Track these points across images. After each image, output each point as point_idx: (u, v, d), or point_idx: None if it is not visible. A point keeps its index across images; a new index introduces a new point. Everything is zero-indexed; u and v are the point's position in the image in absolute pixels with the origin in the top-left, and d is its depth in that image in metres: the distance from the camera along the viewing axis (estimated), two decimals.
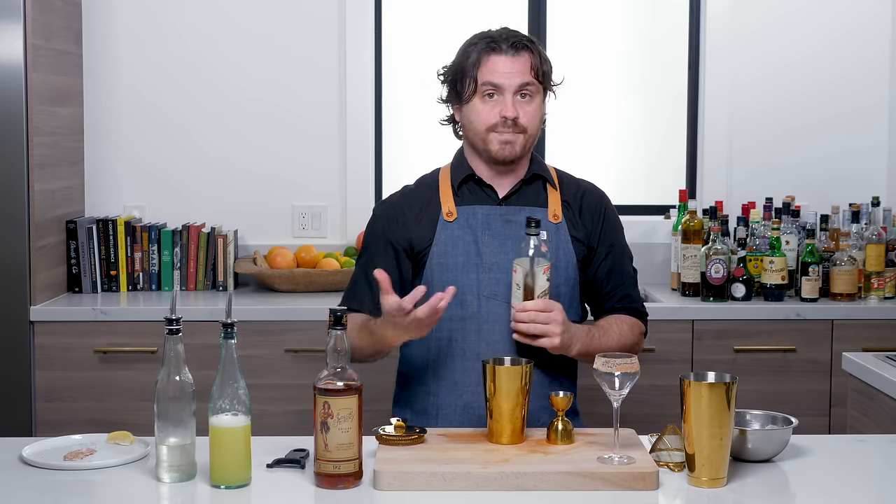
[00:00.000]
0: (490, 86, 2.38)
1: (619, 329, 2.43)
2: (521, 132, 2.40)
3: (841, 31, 4.14)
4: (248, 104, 4.07)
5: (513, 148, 2.40)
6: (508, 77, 2.38)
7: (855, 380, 2.80)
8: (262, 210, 4.08)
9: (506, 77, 2.38)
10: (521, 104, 2.39)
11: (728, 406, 1.86)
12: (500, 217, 2.43)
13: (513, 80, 2.38)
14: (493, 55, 2.39)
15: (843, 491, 1.91)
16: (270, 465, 1.97)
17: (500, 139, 2.39)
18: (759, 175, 4.15)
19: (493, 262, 2.39)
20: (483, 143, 2.42)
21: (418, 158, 4.05)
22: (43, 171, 3.57)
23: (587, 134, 4.29)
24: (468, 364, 2.38)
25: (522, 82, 2.38)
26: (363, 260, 2.49)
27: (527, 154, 2.46)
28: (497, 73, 2.38)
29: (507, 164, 2.43)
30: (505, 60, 2.38)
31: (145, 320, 3.51)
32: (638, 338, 2.49)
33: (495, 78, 2.38)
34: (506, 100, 2.37)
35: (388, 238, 2.46)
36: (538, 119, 2.43)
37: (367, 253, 2.49)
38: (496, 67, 2.38)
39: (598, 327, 2.41)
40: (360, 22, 4.05)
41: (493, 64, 2.38)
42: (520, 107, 2.38)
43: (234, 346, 1.89)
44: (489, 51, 2.39)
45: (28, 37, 3.44)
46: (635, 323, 2.49)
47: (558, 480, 1.87)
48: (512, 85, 2.38)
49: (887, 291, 3.75)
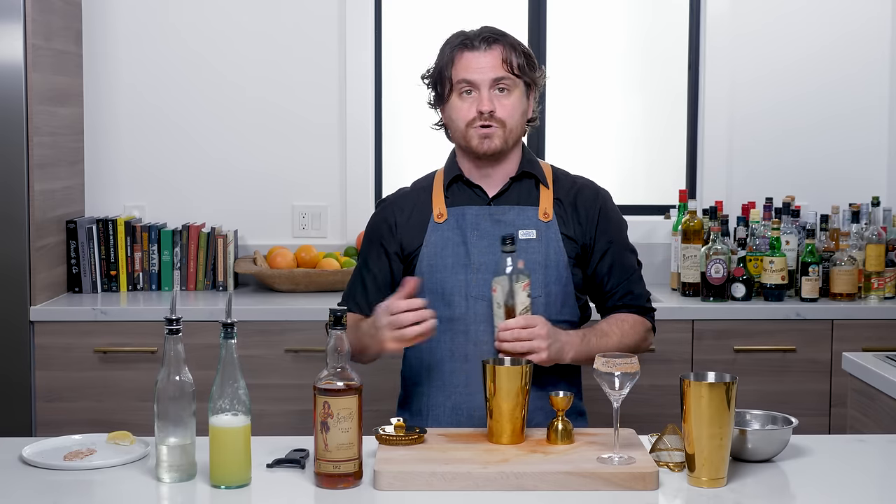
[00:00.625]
0: (465, 82, 2.39)
1: (619, 330, 2.41)
2: (500, 125, 2.39)
3: (841, 31, 4.14)
4: (248, 104, 4.07)
5: (492, 141, 2.39)
6: (481, 72, 2.38)
7: (855, 380, 2.80)
8: (262, 210, 4.08)
9: (479, 72, 2.38)
10: (499, 98, 2.39)
11: (728, 406, 1.86)
12: (489, 217, 2.43)
13: (486, 74, 2.38)
14: (466, 52, 2.40)
15: (843, 491, 1.91)
16: (270, 465, 1.97)
17: (478, 133, 2.39)
18: (759, 175, 4.15)
19: (481, 263, 2.39)
20: (464, 140, 2.42)
21: (418, 158, 4.05)
22: (43, 171, 3.57)
23: (587, 133, 4.29)
24: (456, 365, 2.38)
25: (496, 76, 2.38)
26: (359, 262, 2.53)
27: (510, 149, 2.44)
28: (470, 69, 2.39)
29: (490, 159, 2.43)
30: (477, 56, 2.39)
31: (145, 320, 3.51)
32: (642, 336, 2.47)
33: (468, 74, 2.39)
34: (482, 95, 2.38)
35: (381, 241, 2.48)
36: (518, 112, 2.42)
37: (363, 256, 2.53)
38: (469, 64, 2.39)
39: (594, 331, 2.38)
40: (360, 22, 4.05)
41: (466, 60, 2.39)
42: (497, 100, 2.39)
43: (234, 346, 1.89)
44: (462, 48, 2.41)
45: (28, 37, 3.44)
46: (638, 320, 2.46)
47: (558, 480, 1.87)
48: (486, 80, 2.38)
49: (887, 291, 3.75)
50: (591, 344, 2.34)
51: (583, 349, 2.33)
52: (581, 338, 2.33)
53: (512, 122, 2.40)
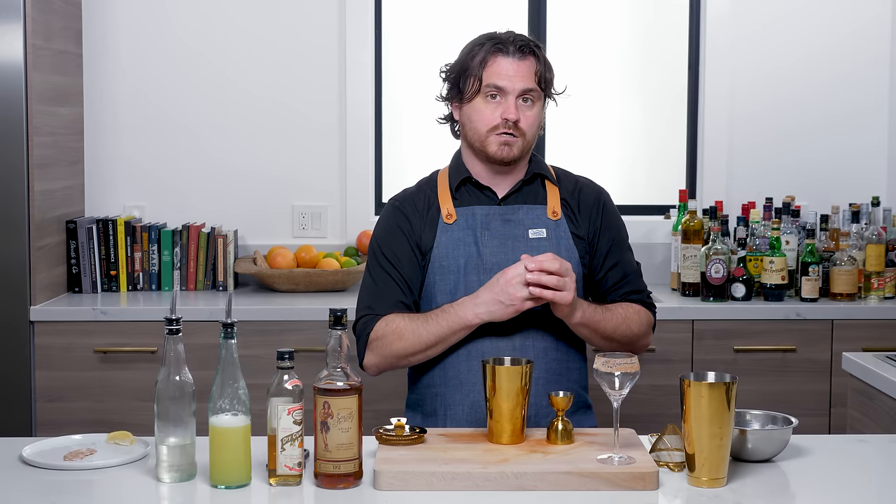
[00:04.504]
0: (494, 87, 2.39)
1: (624, 311, 2.42)
2: (521, 136, 2.40)
3: (841, 31, 4.14)
4: (247, 104, 4.07)
5: (511, 150, 2.40)
6: (513, 80, 2.38)
7: (855, 380, 2.80)
8: (262, 210, 4.08)
9: (510, 80, 2.38)
10: (523, 108, 2.39)
11: (728, 406, 1.86)
12: (500, 217, 2.44)
13: (517, 83, 2.38)
14: (500, 56, 2.39)
15: (843, 491, 1.91)
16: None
17: (499, 141, 2.39)
18: (759, 175, 4.15)
19: (493, 263, 2.40)
20: (481, 144, 2.42)
21: (418, 158, 4.06)
22: (43, 171, 3.57)
23: (587, 134, 4.29)
24: (473, 364, 2.38)
25: (526, 87, 2.39)
26: (384, 259, 2.43)
27: (524, 158, 2.46)
28: (502, 76, 2.38)
29: (505, 165, 2.44)
30: (511, 63, 2.38)
31: (145, 320, 3.51)
32: (646, 328, 2.46)
33: (500, 80, 2.38)
34: (508, 102, 2.38)
35: (403, 229, 2.44)
36: (537, 125, 2.43)
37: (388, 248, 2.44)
38: (501, 69, 2.38)
39: (601, 305, 2.41)
40: (360, 22, 4.05)
41: (498, 66, 2.39)
42: (521, 111, 2.39)
43: (235, 346, 1.89)
44: (496, 52, 2.39)
45: (28, 37, 3.44)
46: (642, 311, 2.46)
47: (558, 480, 1.87)
48: (516, 88, 2.38)
49: (887, 291, 3.75)
50: (597, 313, 2.36)
51: (589, 312, 2.34)
52: (588, 303, 2.36)
53: (531, 134, 2.42)
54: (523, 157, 2.45)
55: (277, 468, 1.88)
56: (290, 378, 1.89)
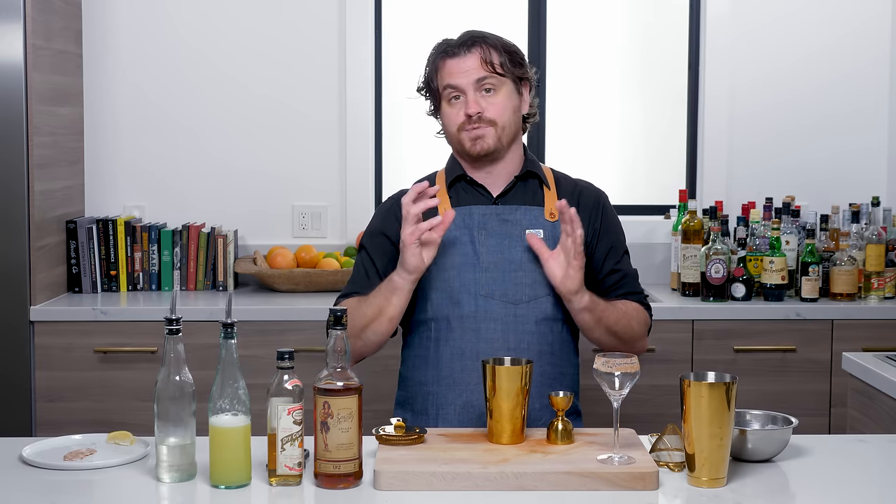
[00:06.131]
0: (450, 88, 2.43)
1: (625, 307, 2.43)
2: (491, 125, 2.41)
3: (841, 31, 4.14)
4: (247, 104, 4.07)
5: (484, 142, 2.42)
6: (463, 76, 2.41)
7: (855, 380, 2.80)
8: (262, 210, 4.08)
9: (461, 76, 2.41)
10: (486, 98, 2.41)
11: (728, 406, 1.86)
12: (496, 216, 2.44)
13: (468, 77, 2.41)
14: (447, 59, 2.44)
15: (843, 491, 1.91)
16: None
17: (469, 136, 2.42)
18: (759, 175, 4.15)
19: (489, 262, 2.40)
20: (458, 145, 2.45)
21: (418, 158, 4.06)
22: (43, 171, 3.57)
23: (587, 134, 4.29)
24: (467, 363, 2.38)
25: (478, 77, 2.41)
26: (362, 252, 2.52)
27: (505, 147, 2.46)
28: (452, 75, 2.42)
29: (486, 158, 2.44)
30: (457, 61, 2.42)
31: (145, 320, 3.51)
32: (644, 327, 2.48)
33: (452, 80, 2.42)
34: (468, 98, 2.41)
35: (385, 232, 2.48)
36: (508, 110, 2.43)
37: (367, 245, 2.52)
38: (451, 70, 2.42)
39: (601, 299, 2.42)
40: (360, 21, 4.05)
41: (448, 67, 2.43)
42: (484, 100, 2.41)
43: (235, 346, 1.89)
44: (443, 56, 2.45)
45: (28, 37, 3.44)
46: (640, 309, 2.48)
47: (558, 480, 1.87)
48: (469, 83, 2.41)
49: (887, 291, 3.75)
50: (599, 303, 2.37)
51: (594, 301, 2.36)
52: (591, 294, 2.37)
53: (503, 120, 2.42)
54: (505, 148, 2.45)
55: (277, 468, 1.89)
56: (290, 378, 1.89)
